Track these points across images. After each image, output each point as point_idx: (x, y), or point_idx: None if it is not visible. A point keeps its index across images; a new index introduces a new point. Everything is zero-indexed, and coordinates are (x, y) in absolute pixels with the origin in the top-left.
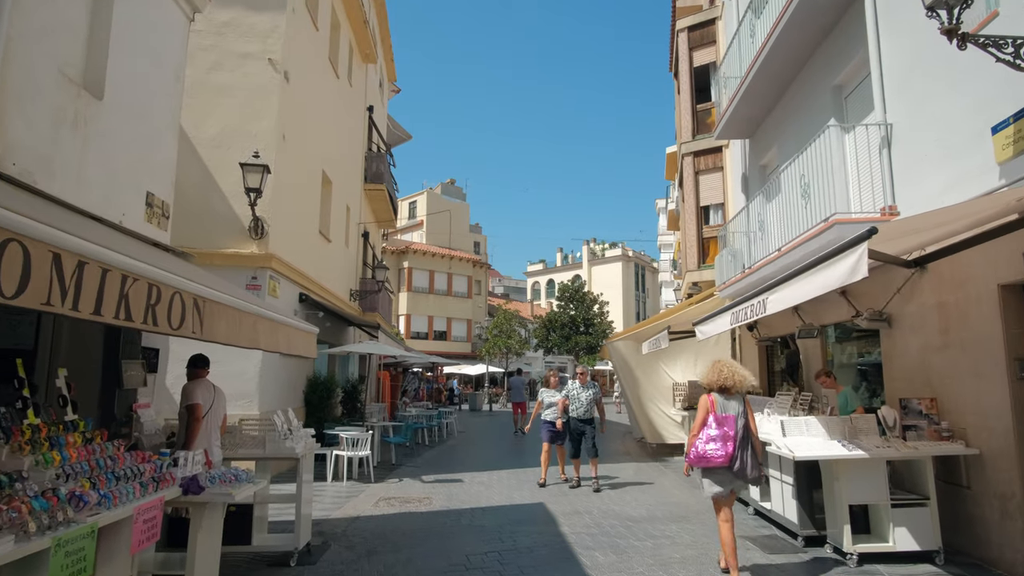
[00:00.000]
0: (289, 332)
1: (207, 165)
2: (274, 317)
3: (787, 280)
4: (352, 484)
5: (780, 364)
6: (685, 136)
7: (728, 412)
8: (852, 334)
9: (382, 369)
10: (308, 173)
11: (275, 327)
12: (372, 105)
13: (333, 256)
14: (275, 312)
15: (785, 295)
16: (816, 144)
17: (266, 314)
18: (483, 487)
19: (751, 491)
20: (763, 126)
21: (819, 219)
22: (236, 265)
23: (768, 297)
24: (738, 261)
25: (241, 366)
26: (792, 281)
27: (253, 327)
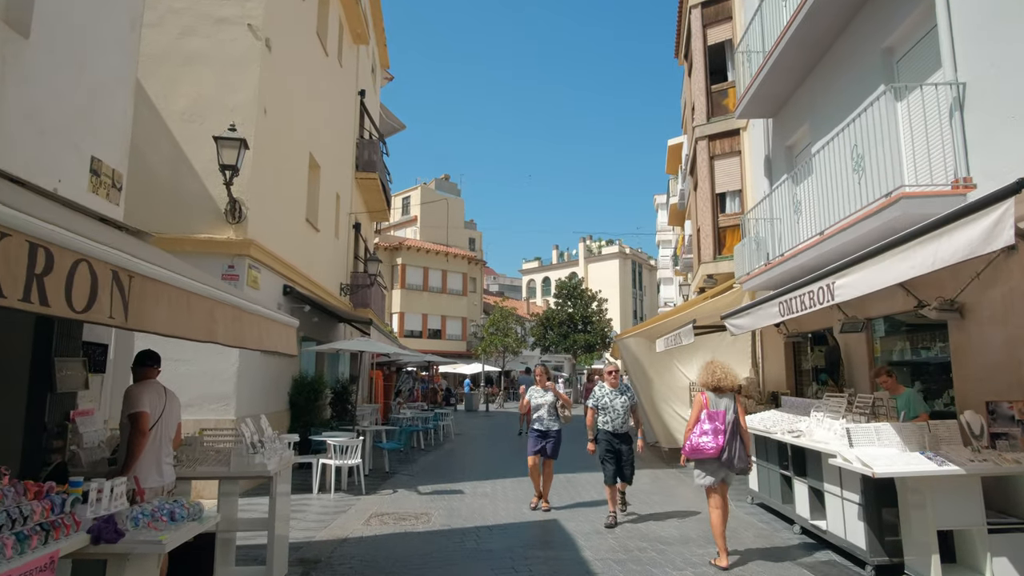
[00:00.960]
0: (261, 323)
1: (178, 141)
2: (240, 304)
3: (867, 259)
4: (340, 497)
5: (809, 362)
6: (699, 119)
7: (719, 408)
8: (903, 327)
9: (375, 368)
10: (293, 154)
11: (240, 316)
12: (364, 89)
13: (321, 247)
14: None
15: (864, 278)
16: (873, 111)
17: (229, 299)
18: (487, 500)
19: (797, 506)
20: (791, 103)
21: (877, 194)
22: (211, 252)
23: (836, 281)
24: (762, 250)
25: (216, 365)
26: (877, 260)
27: (209, 315)
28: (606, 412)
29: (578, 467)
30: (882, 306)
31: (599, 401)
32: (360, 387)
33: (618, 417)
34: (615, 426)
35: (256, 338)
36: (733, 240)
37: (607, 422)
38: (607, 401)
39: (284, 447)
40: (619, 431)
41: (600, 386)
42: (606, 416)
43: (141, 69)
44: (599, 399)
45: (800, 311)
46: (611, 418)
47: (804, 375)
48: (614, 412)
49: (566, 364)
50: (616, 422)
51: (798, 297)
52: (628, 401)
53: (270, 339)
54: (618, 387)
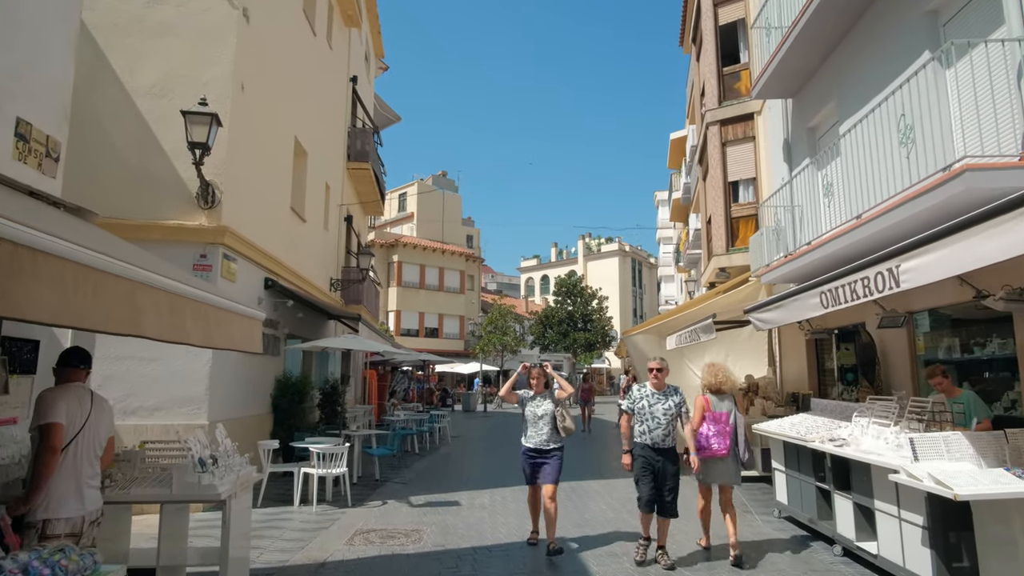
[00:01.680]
0: (213, 315)
1: (145, 119)
2: (181, 290)
3: (944, 237)
4: (324, 510)
5: (833, 361)
6: (710, 103)
7: (721, 410)
8: (948, 322)
9: (369, 368)
10: (276, 137)
11: (180, 304)
12: (356, 76)
13: (309, 239)
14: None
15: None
16: (924, 75)
17: (163, 283)
18: (486, 513)
19: (838, 525)
20: (815, 80)
21: (932, 169)
22: (180, 240)
23: (902, 265)
24: (782, 241)
25: (186, 364)
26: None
27: (128, 301)
28: (643, 419)
29: (584, 472)
30: (929, 298)
31: (635, 404)
32: (353, 387)
33: (659, 427)
34: (654, 439)
35: (204, 332)
36: (747, 231)
37: (644, 432)
38: (645, 405)
39: (243, 463)
40: (659, 445)
41: (640, 387)
42: (643, 425)
43: (104, 41)
44: (636, 401)
45: (850, 301)
46: (649, 428)
47: (827, 374)
48: (653, 421)
49: (566, 363)
50: (656, 433)
51: (847, 285)
52: (674, 407)
53: (225, 334)
54: (663, 389)
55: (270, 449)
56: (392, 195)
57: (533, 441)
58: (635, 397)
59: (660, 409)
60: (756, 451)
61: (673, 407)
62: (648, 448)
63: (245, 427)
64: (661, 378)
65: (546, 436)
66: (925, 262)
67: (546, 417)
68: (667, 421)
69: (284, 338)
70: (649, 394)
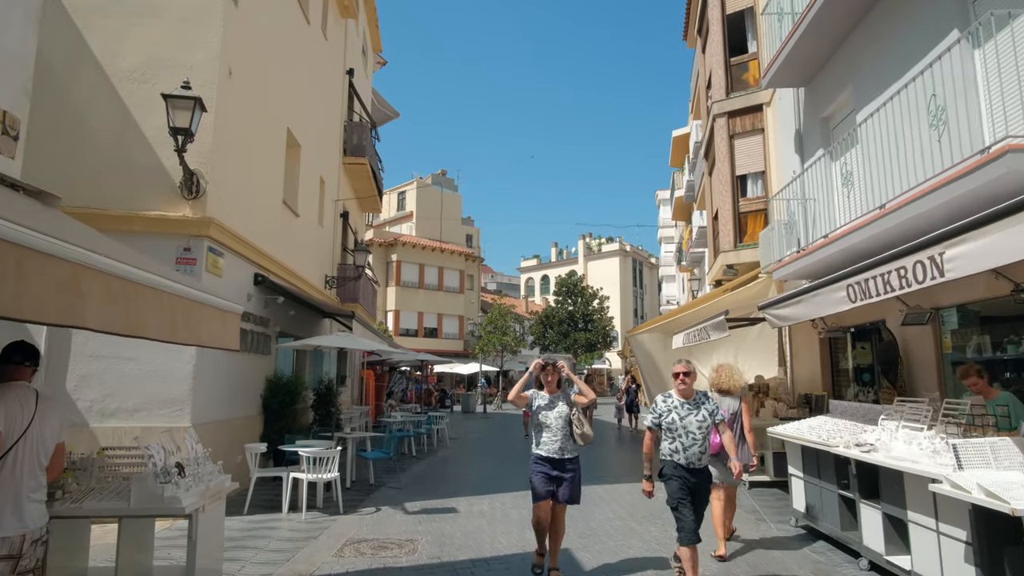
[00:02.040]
0: (177, 306)
1: (126, 104)
2: (132, 275)
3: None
4: (314, 517)
5: (848, 360)
6: (717, 94)
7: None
8: (977, 318)
9: (366, 368)
10: (267, 127)
11: (136, 292)
12: (352, 68)
13: (302, 234)
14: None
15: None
16: (956, 53)
17: (112, 266)
18: (485, 521)
19: (865, 536)
20: (829, 67)
21: (969, 151)
22: (163, 232)
23: (947, 252)
24: (794, 235)
25: (168, 363)
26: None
27: (69, 286)
28: (675, 435)
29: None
30: (958, 292)
31: (663, 418)
32: (350, 388)
33: (694, 444)
34: (689, 458)
35: (167, 325)
36: (756, 226)
37: (676, 451)
38: (675, 419)
39: (215, 471)
40: (695, 465)
41: (666, 396)
42: (676, 443)
43: (83, 22)
44: (663, 415)
45: (882, 294)
46: (683, 445)
47: (842, 375)
48: (688, 437)
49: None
50: (692, 451)
51: (879, 277)
52: (709, 418)
53: (194, 328)
54: (692, 396)
55: (258, 453)
56: (391, 194)
57: (547, 449)
58: (661, 409)
59: (694, 422)
60: (767, 455)
61: (708, 418)
62: (683, 469)
63: (232, 429)
64: (689, 384)
65: (561, 443)
66: (974, 248)
67: (560, 421)
68: (703, 436)
69: (275, 336)
70: (678, 405)
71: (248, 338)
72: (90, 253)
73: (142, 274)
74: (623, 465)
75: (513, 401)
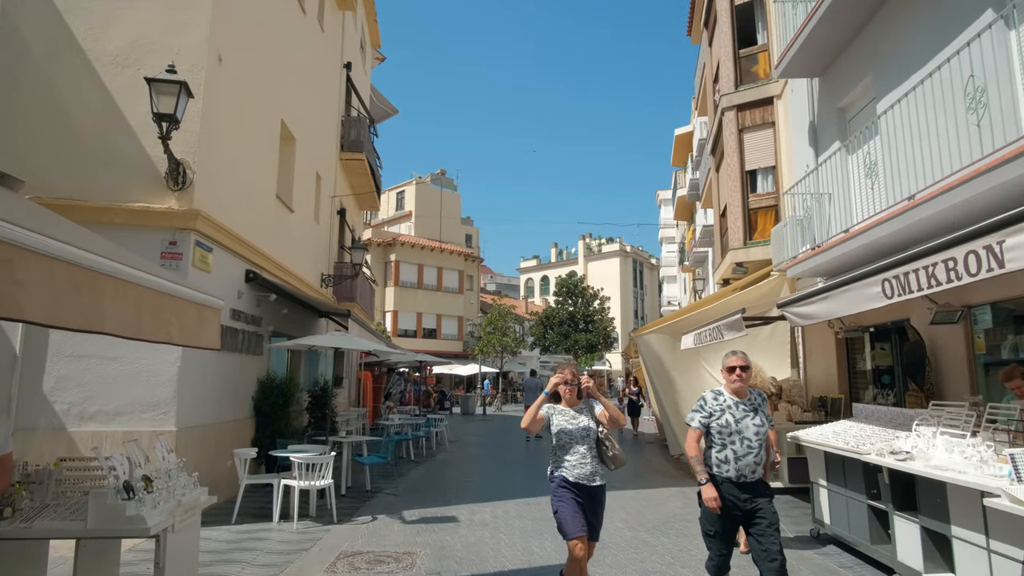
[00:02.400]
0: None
1: (109, 90)
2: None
3: None
4: (306, 527)
5: (866, 362)
6: (726, 87)
7: None
8: (1011, 317)
9: (363, 369)
10: (259, 118)
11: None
12: (350, 62)
13: (297, 230)
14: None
15: None
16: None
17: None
18: (487, 532)
19: (899, 552)
20: (846, 55)
21: (1014, 134)
22: (147, 225)
23: (1007, 240)
24: (808, 231)
25: (152, 363)
26: None
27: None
28: (726, 442)
29: None
30: (993, 289)
31: (714, 419)
32: (347, 389)
33: (749, 452)
34: (741, 469)
35: (129, 320)
36: (767, 223)
37: (726, 460)
38: (729, 421)
39: (190, 484)
40: (747, 478)
41: (716, 393)
42: (726, 450)
43: (64, 3)
44: (713, 414)
45: (925, 289)
46: (735, 454)
47: (859, 377)
48: (742, 444)
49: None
50: (745, 462)
51: (923, 270)
52: (766, 424)
53: (163, 323)
54: (746, 396)
55: (247, 458)
56: (389, 193)
57: (576, 473)
58: (711, 409)
59: (751, 427)
60: (783, 460)
61: (765, 423)
62: (731, 484)
63: (221, 434)
64: (746, 380)
65: (592, 467)
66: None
67: (588, 439)
68: (759, 445)
69: (268, 336)
70: (732, 404)
71: (239, 337)
72: (31, 234)
73: (98, 259)
74: (626, 469)
75: (528, 428)
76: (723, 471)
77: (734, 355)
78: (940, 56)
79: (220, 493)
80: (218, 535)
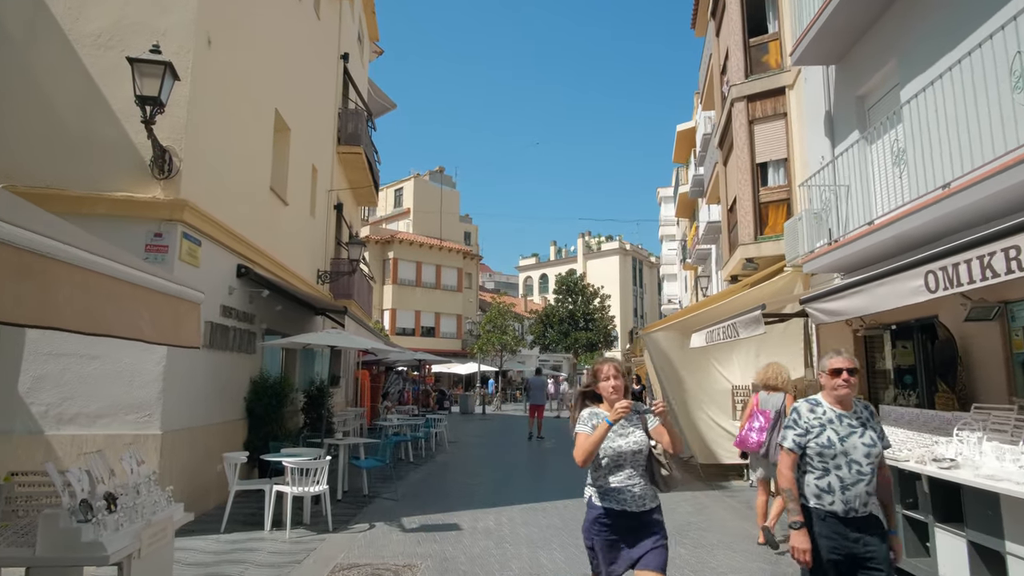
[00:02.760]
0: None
1: (90, 73)
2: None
3: None
4: (299, 536)
5: (886, 361)
6: (735, 77)
7: (767, 407)
8: None
9: (361, 368)
10: (252, 106)
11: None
12: (347, 53)
13: (292, 225)
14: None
15: None
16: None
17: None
18: (491, 541)
19: (941, 567)
20: (866, 39)
21: None
22: (130, 215)
23: None
24: (824, 225)
25: (135, 363)
26: None
27: None
28: (829, 466)
29: None
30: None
31: (812, 437)
32: (344, 389)
33: (860, 480)
34: (849, 501)
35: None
36: (778, 217)
37: (829, 490)
38: (832, 439)
39: (162, 501)
40: (857, 512)
41: (812, 403)
42: (828, 476)
43: None
44: (810, 431)
45: (978, 281)
46: (841, 481)
47: (879, 377)
48: (849, 469)
49: (565, 364)
50: (854, 493)
51: (976, 260)
52: (879, 443)
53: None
54: (853, 408)
55: (238, 463)
56: (388, 191)
57: (619, 499)
58: (808, 423)
59: (860, 447)
60: None
61: (878, 441)
62: (836, 520)
63: (211, 437)
64: (853, 386)
65: (642, 489)
66: None
67: (640, 456)
68: (872, 469)
69: (261, 334)
70: (834, 417)
71: (230, 335)
72: None
73: (44, 241)
74: None
75: (585, 463)
76: (825, 503)
77: (837, 355)
78: (979, 33)
79: (210, 499)
80: (205, 545)
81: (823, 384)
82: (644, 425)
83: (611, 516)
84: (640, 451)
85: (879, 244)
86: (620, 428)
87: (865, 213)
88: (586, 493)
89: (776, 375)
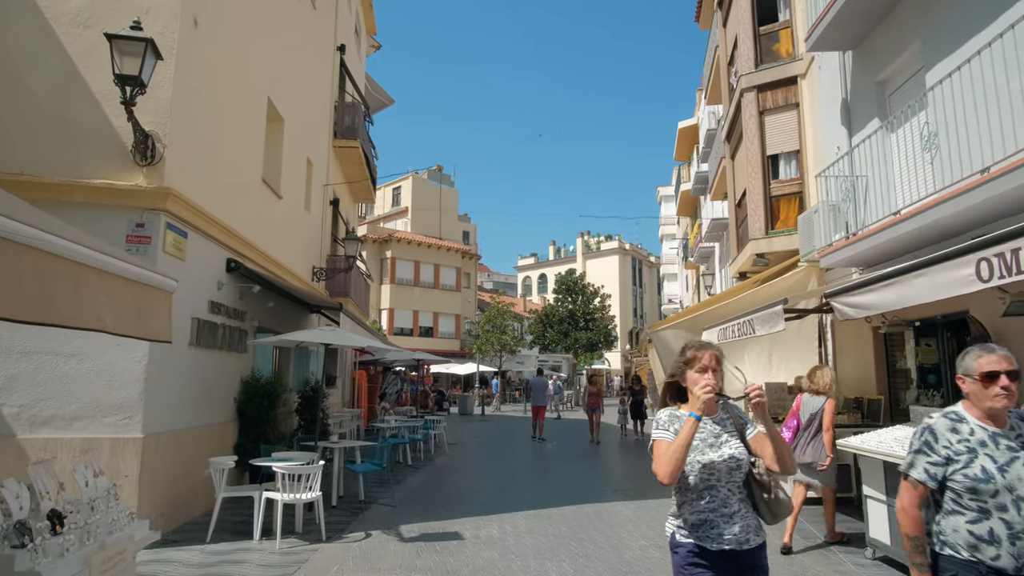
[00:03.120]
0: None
1: (68, 53)
2: None
3: None
4: (290, 546)
5: (907, 360)
6: (745, 67)
7: (807, 409)
8: None
9: (358, 368)
10: (243, 93)
11: None
12: (344, 44)
13: (286, 219)
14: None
15: None
16: None
17: None
18: (495, 552)
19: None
20: (886, 23)
21: None
22: (110, 204)
23: None
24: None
25: (116, 361)
26: None
27: None
28: (988, 505)
29: (605, 491)
30: None
31: (957, 467)
32: (341, 389)
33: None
34: (1020, 553)
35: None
36: (791, 211)
37: (990, 540)
38: (988, 468)
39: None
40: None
41: (953, 420)
42: (987, 522)
43: None
44: (953, 457)
45: None
46: (1006, 526)
47: (899, 376)
48: (1017, 508)
49: (565, 364)
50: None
51: None
52: None
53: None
54: (1009, 424)
55: (226, 468)
56: (385, 189)
57: (717, 537)
58: (951, 448)
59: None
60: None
61: None
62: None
63: (198, 440)
64: (1015, 396)
65: (743, 521)
66: None
67: (737, 474)
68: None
69: (253, 331)
70: (987, 439)
71: (219, 332)
72: None
73: None
74: (643, 475)
75: (671, 477)
76: (986, 556)
77: (989, 352)
78: (1017, 7)
79: (196, 507)
80: (188, 557)
81: (967, 392)
82: (741, 433)
83: (707, 557)
84: (739, 467)
85: (904, 236)
86: (710, 435)
87: (886, 204)
88: (667, 529)
89: (821, 378)
